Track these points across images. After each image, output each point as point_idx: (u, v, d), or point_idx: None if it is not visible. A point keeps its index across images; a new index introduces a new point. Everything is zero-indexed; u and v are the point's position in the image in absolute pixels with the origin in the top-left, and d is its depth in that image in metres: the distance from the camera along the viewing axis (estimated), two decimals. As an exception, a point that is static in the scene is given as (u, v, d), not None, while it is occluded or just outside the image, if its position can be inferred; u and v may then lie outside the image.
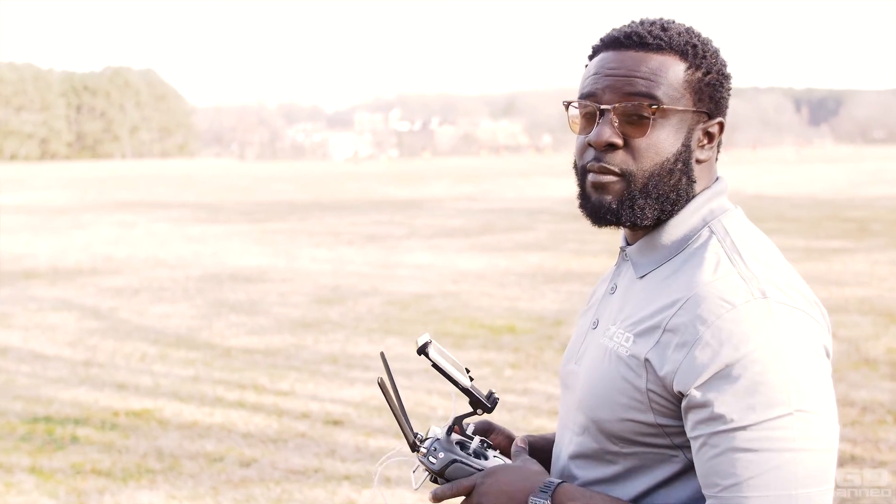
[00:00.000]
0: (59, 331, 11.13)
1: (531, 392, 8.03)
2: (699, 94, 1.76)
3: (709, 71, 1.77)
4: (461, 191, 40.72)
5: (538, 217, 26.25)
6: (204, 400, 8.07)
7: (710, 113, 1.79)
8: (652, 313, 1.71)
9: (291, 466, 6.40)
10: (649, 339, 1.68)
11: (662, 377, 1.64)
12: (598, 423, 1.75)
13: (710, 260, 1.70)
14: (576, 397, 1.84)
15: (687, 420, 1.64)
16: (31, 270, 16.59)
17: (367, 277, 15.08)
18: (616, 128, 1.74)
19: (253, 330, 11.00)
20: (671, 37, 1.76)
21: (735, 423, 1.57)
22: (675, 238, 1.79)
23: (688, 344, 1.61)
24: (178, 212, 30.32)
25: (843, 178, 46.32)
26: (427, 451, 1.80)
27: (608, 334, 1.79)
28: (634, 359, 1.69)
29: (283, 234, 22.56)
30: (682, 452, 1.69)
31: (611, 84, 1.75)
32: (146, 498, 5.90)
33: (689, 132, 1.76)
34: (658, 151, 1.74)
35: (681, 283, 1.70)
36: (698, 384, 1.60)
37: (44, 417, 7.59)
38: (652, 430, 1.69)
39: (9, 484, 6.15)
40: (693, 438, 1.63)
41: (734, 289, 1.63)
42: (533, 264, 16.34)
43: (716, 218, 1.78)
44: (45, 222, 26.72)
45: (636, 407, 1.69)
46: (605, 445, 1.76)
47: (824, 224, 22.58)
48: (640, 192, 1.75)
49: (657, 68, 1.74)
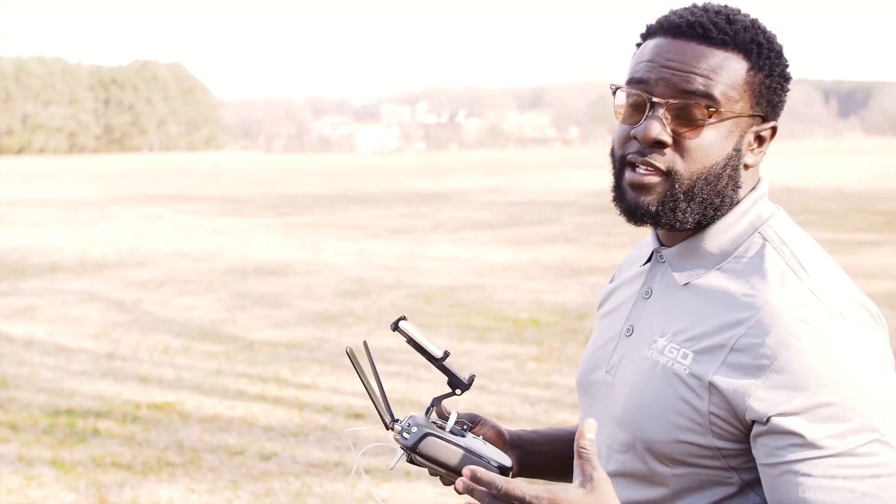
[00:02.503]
0: (84, 323, 11.16)
1: (554, 385, 7.97)
2: (758, 97, 1.65)
3: (771, 73, 1.65)
4: (487, 184, 40.65)
5: (564, 210, 26.17)
6: (226, 393, 8.06)
7: (766, 116, 1.67)
8: (713, 330, 1.59)
9: (312, 460, 6.38)
10: (713, 358, 1.57)
11: (732, 402, 1.54)
12: (648, 444, 1.65)
13: (773, 272, 1.59)
14: (614, 412, 1.72)
15: (761, 446, 1.54)
16: (58, 263, 16.65)
17: (392, 270, 15.06)
18: (666, 124, 1.62)
19: (276, 323, 10.99)
20: (737, 31, 1.63)
21: (824, 451, 1.49)
22: (722, 244, 1.68)
23: (764, 368, 1.52)
24: (204, 205, 30.39)
25: (871, 171, 46.00)
26: (402, 428, 1.74)
27: (656, 347, 1.67)
28: (696, 379, 1.58)
29: (308, 227, 22.57)
30: (737, 474, 1.61)
31: (666, 77, 1.62)
32: (165, 491, 5.88)
33: (741, 136, 1.65)
34: (709, 154, 1.62)
35: (743, 296, 1.59)
36: (780, 411, 1.50)
37: (66, 410, 7.60)
38: (708, 453, 1.60)
39: (29, 477, 6.14)
40: (770, 465, 1.54)
41: (809, 307, 1.54)
42: (558, 257, 16.28)
43: (764, 223, 1.68)
44: (72, 215, 26.82)
45: (694, 429, 1.59)
46: (653, 466, 1.65)
47: (852, 217, 22.41)
48: (685, 195, 1.64)
49: (718, 66, 1.61)
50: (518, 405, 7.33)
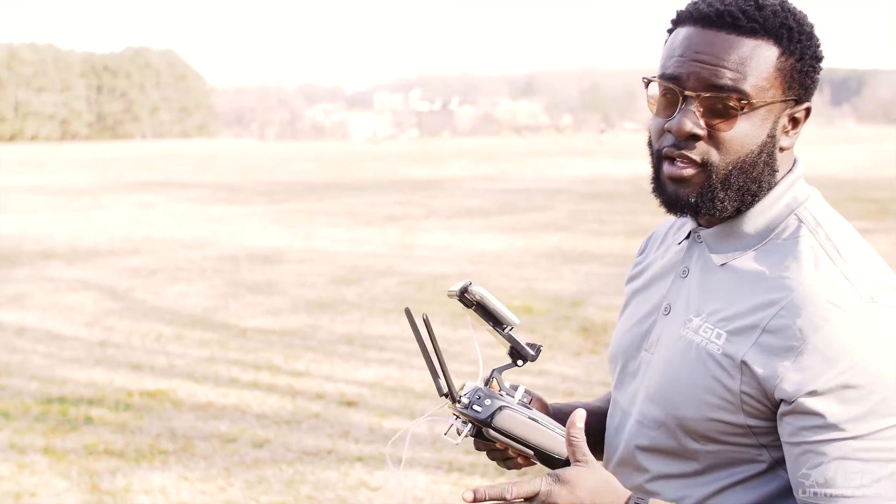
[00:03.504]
0: (76, 311, 11.14)
1: (547, 373, 7.97)
2: (790, 82, 1.65)
3: (802, 56, 1.65)
4: (480, 171, 40.63)
5: (557, 197, 26.16)
6: (219, 381, 8.05)
7: (799, 98, 1.68)
8: (747, 311, 1.62)
9: (305, 447, 6.37)
10: (746, 338, 1.60)
11: (762, 381, 1.57)
12: (680, 421, 1.67)
13: (807, 255, 1.61)
14: (648, 388, 1.75)
15: (786, 423, 1.57)
16: (50, 251, 16.62)
17: (385, 258, 15.05)
18: (699, 117, 1.63)
19: (269, 310, 10.98)
20: (766, 17, 1.63)
21: (846, 433, 1.52)
22: (759, 226, 1.69)
23: (794, 350, 1.54)
24: (197, 192, 30.34)
25: (864, 159, 46.05)
26: (470, 400, 1.67)
27: (691, 326, 1.69)
28: (728, 359, 1.61)
29: (301, 215, 22.55)
30: (767, 452, 1.63)
31: (697, 71, 1.63)
32: (158, 479, 5.88)
33: (775, 121, 1.66)
34: (743, 144, 1.64)
35: (776, 278, 1.61)
36: (807, 391, 1.53)
37: (58, 398, 7.59)
38: (739, 431, 1.63)
39: (22, 464, 6.14)
40: (793, 444, 1.57)
41: (841, 291, 1.55)
42: (551, 245, 16.28)
43: (801, 205, 1.70)
44: (64, 203, 26.77)
45: (726, 408, 1.61)
46: (684, 442, 1.69)
47: (845, 204, 22.43)
48: (722, 184, 1.65)
49: (748, 56, 1.62)
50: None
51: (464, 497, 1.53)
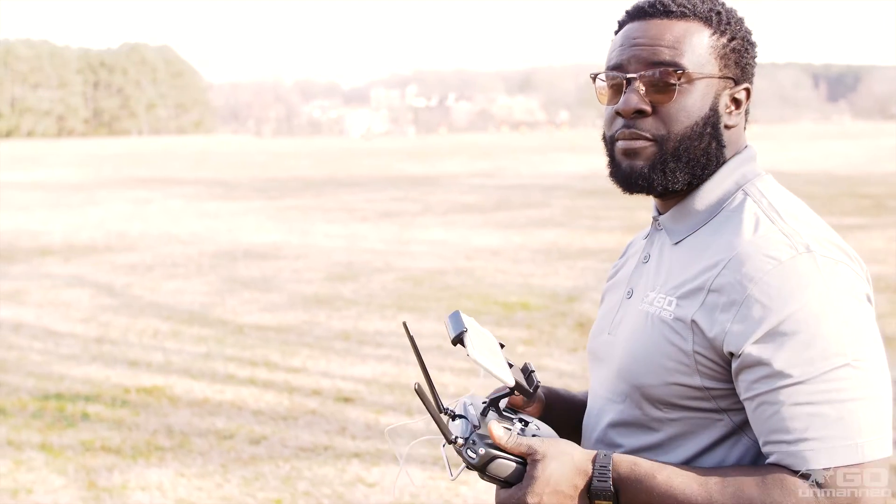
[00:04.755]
0: (73, 307, 11.13)
1: (544, 368, 7.98)
2: (725, 60, 1.77)
3: (734, 37, 1.78)
4: (477, 167, 40.63)
5: (553, 193, 26.16)
6: (215, 377, 8.05)
7: (737, 79, 1.79)
8: (694, 275, 1.70)
9: (301, 444, 6.38)
10: (694, 300, 1.68)
11: (711, 339, 1.64)
12: (642, 389, 1.74)
13: (749, 220, 1.70)
14: (613, 366, 1.82)
15: (740, 380, 1.63)
16: (46, 247, 16.61)
17: (381, 254, 15.05)
18: (643, 95, 1.74)
19: (266, 307, 10.98)
20: (695, 4, 1.76)
21: (794, 378, 1.58)
22: (709, 202, 1.78)
23: (736, 303, 1.62)
24: (194, 188, 30.32)
25: (860, 155, 46.05)
26: (465, 443, 1.69)
27: (647, 300, 1.78)
28: (679, 321, 1.68)
29: (297, 211, 22.54)
30: (728, 416, 1.69)
31: (636, 54, 1.75)
32: (155, 475, 5.88)
33: (716, 97, 1.76)
34: (688, 115, 1.74)
35: (720, 244, 1.70)
36: (751, 342, 1.60)
37: (55, 394, 7.58)
38: (698, 394, 1.68)
39: (18, 461, 6.13)
40: (749, 399, 1.63)
41: (777, 245, 1.63)
42: (547, 241, 16.29)
43: (749, 181, 1.79)
44: (60, 199, 26.75)
45: (682, 370, 1.68)
46: (648, 412, 1.75)
47: (841, 200, 22.45)
48: (672, 155, 1.75)
49: (682, 35, 1.75)
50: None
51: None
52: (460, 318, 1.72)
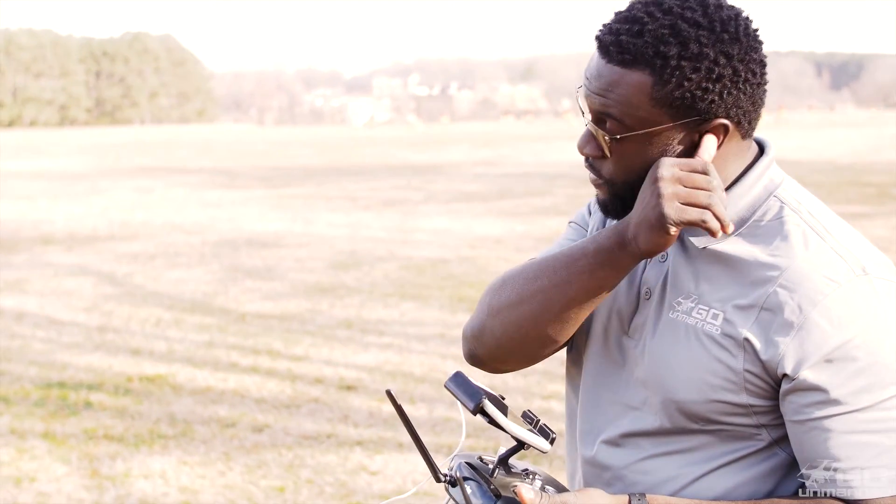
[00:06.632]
0: (75, 296, 11.14)
1: (546, 357, 7.97)
2: (675, 108, 1.60)
3: (683, 82, 1.58)
4: (479, 156, 40.56)
5: (556, 182, 26.12)
6: (218, 365, 8.05)
7: (704, 117, 1.61)
8: (742, 291, 1.62)
9: (304, 432, 6.38)
10: (745, 317, 1.61)
11: (765, 360, 1.59)
12: (680, 404, 1.67)
13: (796, 234, 1.63)
14: (635, 373, 1.74)
15: (789, 401, 1.59)
16: (49, 236, 16.61)
17: (384, 242, 15.05)
18: (593, 138, 1.69)
19: (268, 295, 10.98)
20: (640, 47, 1.59)
21: (850, 406, 1.55)
22: (738, 210, 1.68)
23: (794, 326, 1.56)
24: (196, 177, 30.30)
25: (863, 143, 45.95)
26: (465, 498, 1.63)
27: (682, 309, 1.68)
28: (729, 338, 1.62)
29: (300, 200, 22.53)
30: (766, 431, 1.65)
31: (589, 97, 1.67)
32: (157, 463, 5.89)
33: (668, 143, 1.63)
34: (634, 162, 1.65)
35: (769, 258, 1.62)
36: (808, 366, 1.55)
37: (58, 383, 7.59)
38: (740, 410, 1.64)
39: (21, 449, 6.14)
40: (798, 422, 1.59)
41: (835, 266, 1.58)
42: (550, 229, 16.27)
43: (778, 187, 1.70)
44: (63, 188, 26.74)
45: (728, 388, 1.63)
46: (682, 425, 1.69)
47: (844, 189, 22.44)
48: (630, 194, 1.67)
49: (621, 91, 1.62)
50: (510, 377, 7.32)
51: None
52: (469, 381, 1.66)
